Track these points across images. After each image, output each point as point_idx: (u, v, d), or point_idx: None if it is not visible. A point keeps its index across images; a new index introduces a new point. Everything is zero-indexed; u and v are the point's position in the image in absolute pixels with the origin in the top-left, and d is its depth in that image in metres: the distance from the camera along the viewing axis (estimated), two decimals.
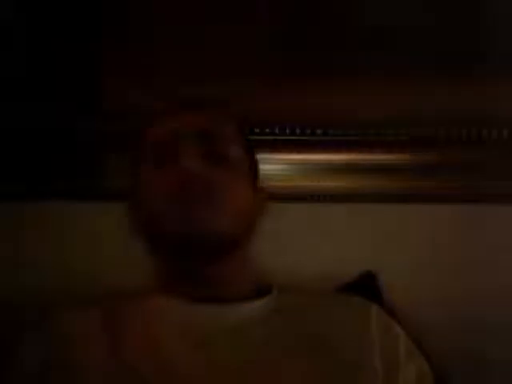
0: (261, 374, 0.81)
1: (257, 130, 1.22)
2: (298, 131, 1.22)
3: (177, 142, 0.90)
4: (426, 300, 1.16)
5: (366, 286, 1.15)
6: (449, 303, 1.16)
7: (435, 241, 1.20)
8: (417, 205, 1.20)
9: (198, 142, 0.90)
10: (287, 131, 1.22)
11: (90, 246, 1.17)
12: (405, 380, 0.85)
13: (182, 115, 0.94)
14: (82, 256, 1.16)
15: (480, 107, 1.20)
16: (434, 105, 1.21)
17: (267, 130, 1.22)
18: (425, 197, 1.21)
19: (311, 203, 1.22)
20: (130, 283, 1.02)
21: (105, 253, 1.15)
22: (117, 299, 0.94)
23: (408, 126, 1.22)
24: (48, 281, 1.14)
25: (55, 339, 0.86)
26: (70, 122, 1.20)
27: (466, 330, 1.14)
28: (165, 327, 0.86)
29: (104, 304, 0.92)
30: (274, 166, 1.23)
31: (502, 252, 1.19)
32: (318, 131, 1.22)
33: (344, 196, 1.22)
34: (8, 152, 1.20)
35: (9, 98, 1.20)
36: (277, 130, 1.22)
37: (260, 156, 1.02)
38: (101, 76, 1.23)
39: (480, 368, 1.11)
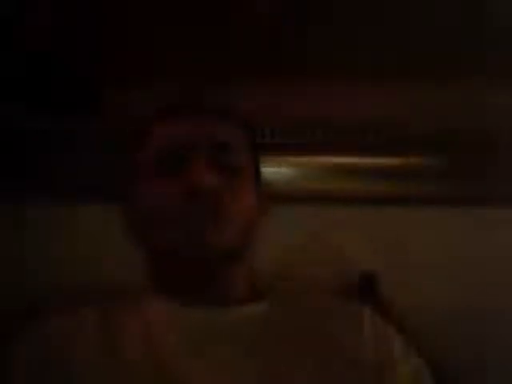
0: (259, 376, 0.81)
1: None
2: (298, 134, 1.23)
3: (188, 153, 0.87)
4: (426, 300, 1.16)
5: (365, 287, 1.16)
6: (449, 304, 1.16)
7: (436, 242, 1.20)
8: (418, 207, 1.20)
9: (210, 153, 0.87)
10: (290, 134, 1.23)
11: (90, 246, 1.17)
12: (400, 381, 0.85)
13: (191, 121, 0.91)
14: (81, 256, 1.16)
15: (480, 111, 1.21)
16: (434, 107, 1.22)
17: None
18: (426, 200, 1.22)
19: (311, 206, 1.22)
20: (129, 283, 1.02)
21: (104, 253, 1.15)
22: (115, 299, 0.94)
23: (408, 129, 1.22)
24: (48, 281, 1.15)
25: (53, 339, 0.86)
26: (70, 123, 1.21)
27: (467, 330, 1.14)
28: (164, 328, 0.86)
29: (103, 304, 0.92)
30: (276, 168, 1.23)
31: (504, 254, 1.19)
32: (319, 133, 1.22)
33: (345, 198, 1.23)
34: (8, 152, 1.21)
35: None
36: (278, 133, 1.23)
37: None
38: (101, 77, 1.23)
39: (480, 368, 1.12)
